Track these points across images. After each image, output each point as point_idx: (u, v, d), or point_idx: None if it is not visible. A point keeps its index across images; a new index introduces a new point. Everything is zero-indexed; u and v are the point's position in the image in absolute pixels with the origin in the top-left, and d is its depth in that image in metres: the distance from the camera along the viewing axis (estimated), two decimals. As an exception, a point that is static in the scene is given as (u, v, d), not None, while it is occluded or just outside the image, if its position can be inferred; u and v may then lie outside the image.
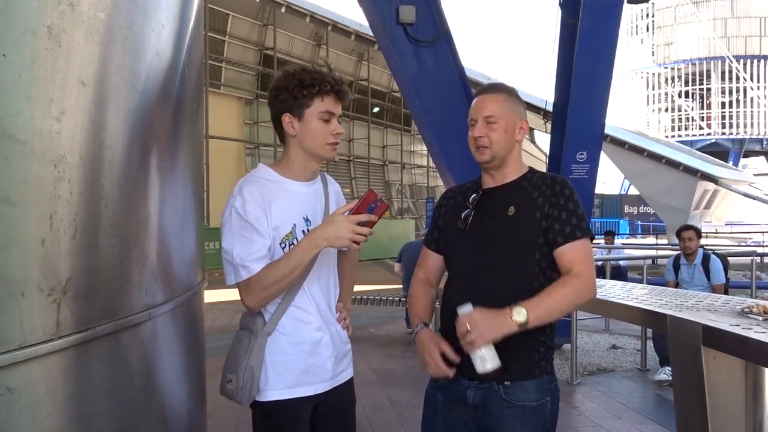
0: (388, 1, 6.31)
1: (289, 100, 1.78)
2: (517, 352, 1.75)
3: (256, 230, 1.70)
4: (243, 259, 1.68)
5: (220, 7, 19.04)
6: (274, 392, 1.75)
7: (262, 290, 1.69)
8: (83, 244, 1.36)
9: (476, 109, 1.85)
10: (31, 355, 1.23)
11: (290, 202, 1.79)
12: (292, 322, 1.77)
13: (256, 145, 21.82)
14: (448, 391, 1.84)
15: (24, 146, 1.22)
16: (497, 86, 1.89)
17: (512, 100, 1.86)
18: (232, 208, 1.72)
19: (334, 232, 1.65)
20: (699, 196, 24.02)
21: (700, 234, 6.03)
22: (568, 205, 1.77)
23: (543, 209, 1.77)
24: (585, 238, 1.77)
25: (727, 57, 44.24)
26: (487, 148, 1.82)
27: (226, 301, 10.31)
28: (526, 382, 1.75)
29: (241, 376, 1.72)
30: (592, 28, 6.48)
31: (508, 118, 1.82)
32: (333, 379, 1.85)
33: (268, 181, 1.79)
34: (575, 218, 1.76)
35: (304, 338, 1.78)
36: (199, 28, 2.16)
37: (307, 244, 1.67)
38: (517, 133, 1.85)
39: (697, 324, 2.12)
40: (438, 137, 6.68)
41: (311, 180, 1.88)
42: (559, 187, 1.80)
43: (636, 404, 4.86)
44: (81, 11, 1.34)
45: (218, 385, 1.80)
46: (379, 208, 1.71)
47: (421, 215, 27.34)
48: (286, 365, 1.76)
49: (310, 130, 1.78)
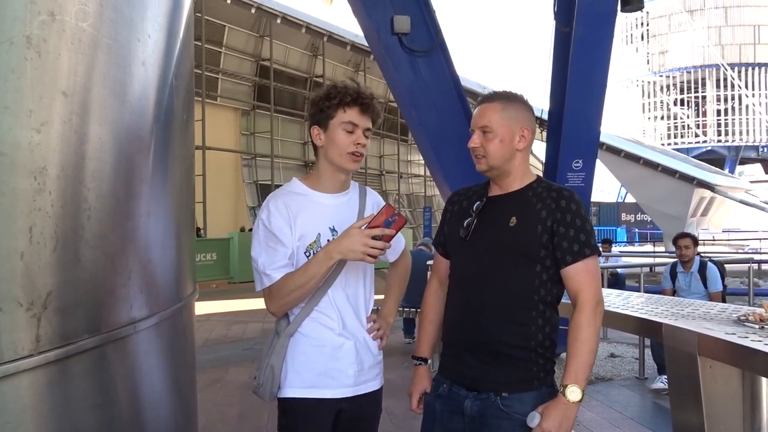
0: (382, 11, 6.32)
1: (317, 113, 1.87)
2: (515, 364, 1.73)
3: (279, 241, 1.79)
4: (266, 268, 1.79)
5: (216, 18, 19.12)
6: (291, 390, 1.82)
7: (282, 297, 1.78)
8: (65, 257, 1.33)
9: (474, 119, 1.83)
10: (10, 371, 1.20)
11: (316, 213, 1.86)
12: (313, 325, 1.84)
13: (252, 156, 21.84)
14: (447, 401, 1.81)
15: (3, 158, 1.19)
16: (496, 95, 1.85)
17: (511, 107, 1.80)
18: (259, 219, 1.84)
19: (347, 245, 1.70)
20: (695, 203, 24.05)
21: (696, 242, 6.03)
22: (575, 221, 1.72)
23: (546, 223, 1.73)
24: (593, 256, 1.74)
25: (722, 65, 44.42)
26: (484, 158, 1.79)
27: (223, 312, 10.29)
28: (524, 394, 1.72)
29: (262, 374, 1.83)
30: (586, 37, 6.49)
31: (504, 127, 1.77)
32: (355, 387, 1.87)
33: (297, 194, 1.88)
34: (583, 235, 1.72)
35: (325, 341, 1.84)
36: (189, 38, 2.15)
37: (323, 256, 1.74)
38: (516, 141, 1.79)
39: (693, 333, 2.10)
40: (434, 146, 6.67)
41: (341, 191, 1.94)
42: (565, 203, 1.74)
43: (634, 413, 4.83)
44: (63, 21, 1.33)
45: (213, 397, 1.86)
46: (397, 222, 1.73)
47: (418, 224, 27.33)
48: (306, 365, 1.82)
49: (333, 140, 1.85)
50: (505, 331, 1.72)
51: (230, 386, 5.47)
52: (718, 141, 49.39)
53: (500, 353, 1.72)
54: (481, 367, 1.74)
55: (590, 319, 1.70)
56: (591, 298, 1.71)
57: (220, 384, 5.55)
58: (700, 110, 50.58)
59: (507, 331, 1.72)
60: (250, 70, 21.90)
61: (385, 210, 1.74)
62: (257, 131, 21.96)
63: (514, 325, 1.73)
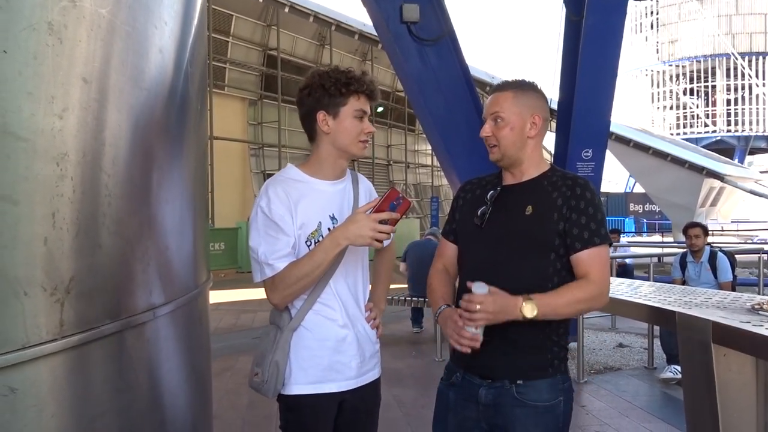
0: (391, 0, 6.29)
1: (325, 98, 1.80)
2: (530, 352, 1.74)
3: (280, 229, 1.75)
4: (267, 257, 1.74)
5: (223, 8, 19.06)
6: (297, 387, 1.80)
7: (286, 287, 1.74)
8: (86, 243, 1.34)
9: (486, 108, 1.84)
10: (34, 355, 1.22)
11: (316, 200, 1.83)
12: (317, 318, 1.81)
13: (260, 146, 21.83)
14: (460, 389, 1.82)
15: (26, 144, 1.20)
16: (507, 84, 1.84)
17: (523, 95, 1.80)
18: (258, 207, 1.78)
19: (355, 230, 1.68)
20: (705, 193, 23.94)
21: (706, 231, 6.00)
22: (588, 209, 1.72)
23: (561, 210, 1.73)
24: (603, 245, 1.72)
25: (732, 54, 44.07)
26: (496, 146, 1.79)
27: (231, 302, 10.34)
28: (538, 382, 1.73)
29: (266, 370, 1.78)
30: (597, 26, 6.44)
31: (515, 115, 1.77)
32: (358, 378, 1.87)
33: (295, 181, 1.84)
34: (594, 223, 1.71)
35: (329, 335, 1.82)
36: (203, 26, 2.15)
37: (329, 242, 1.71)
38: (528, 129, 1.78)
39: (707, 321, 2.10)
40: (443, 136, 6.66)
41: (339, 178, 1.92)
42: (580, 190, 1.74)
43: (643, 403, 4.84)
44: (83, 7, 1.33)
45: (224, 385, 1.85)
46: (402, 206, 1.71)
47: (425, 215, 27.31)
48: (310, 360, 1.80)
49: (345, 127, 1.82)
50: (519, 320, 1.71)
51: (240, 374, 5.50)
52: (727, 131, 49.08)
53: (515, 341, 1.73)
54: (495, 355, 1.74)
55: (592, 297, 1.69)
56: (599, 279, 1.70)
57: (230, 372, 5.59)
58: (710, 100, 50.23)
59: (521, 320, 1.71)
60: (257, 60, 21.85)
61: (389, 194, 1.72)
62: (264, 121, 21.93)
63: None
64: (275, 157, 20.75)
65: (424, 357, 6.27)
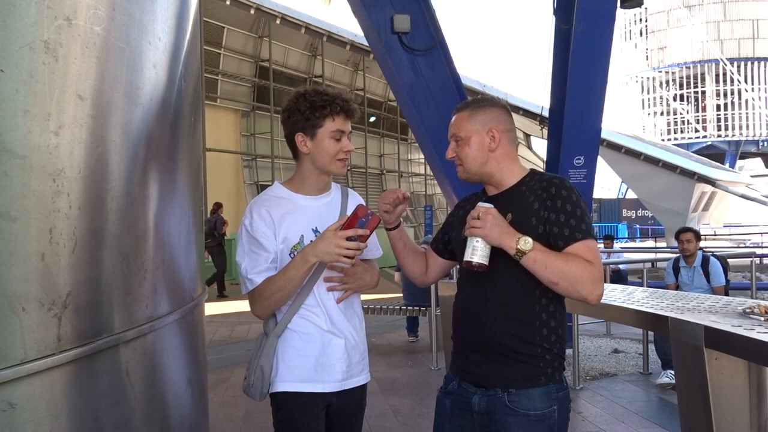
0: (382, 11, 6.34)
1: (302, 121, 1.87)
2: (521, 360, 1.74)
3: (261, 245, 1.84)
4: (248, 272, 1.83)
5: (215, 20, 19.10)
6: (283, 384, 1.86)
7: (263, 300, 1.83)
8: (83, 258, 1.36)
9: (449, 130, 1.88)
10: (33, 370, 1.22)
11: (299, 215, 1.90)
12: (302, 321, 1.88)
13: (253, 157, 21.82)
14: (456, 398, 1.83)
15: (23, 161, 1.22)
16: (466, 104, 1.88)
17: (479, 112, 1.82)
18: (243, 225, 1.88)
19: (322, 247, 1.74)
20: (696, 198, 24.05)
21: (698, 236, 6.05)
22: (565, 206, 1.70)
23: (539, 213, 1.72)
24: (586, 239, 1.69)
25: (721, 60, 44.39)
26: (461, 166, 1.83)
27: (226, 314, 10.30)
28: (530, 390, 1.72)
29: (252, 374, 1.88)
30: (586, 33, 6.51)
31: (472, 132, 1.80)
32: (343, 381, 1.91)
33: (279, 198, 1.93)
34: (573, 219, 1.69)
35: (315, 336, 1.88)
36: (196, 40, 2.17)
37: (300, 259, 1.78)
38: (488, 143, 1.79)
39: (699, 326, 2.13)
40: (435, 145, 6.69)
41: (323, 192, 1.99)
42: (555, 189, 1.72)
43: (639, 408, 4.85)
44: (77, 26, 1.35)
45: (220, 398, 1.89)
46: (370, 223, 1.76)
47: (419, 223, 27.33)
48: (297, 359, 1.86)
49: (322, 148, 1.89)
50: (508, 328, 1.73)
51: (236, 386, 5.48)
52: (718, 136, 49.39)
53: (505, 350, 1.73)
54: (487, 364, 1.76)
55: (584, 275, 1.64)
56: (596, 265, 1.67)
57: (226, 384, 5.57)
58: (700, 105, 50.55)
59: (510, 327, 1.73)
60: (249, 71, 21.88)
61: (357, 210, 1.77)
62: (257, 132, 21.93)
63: (517, 322, 1.73)
64: (268, 168, 20.74)
65: (420, 366, 6.27)
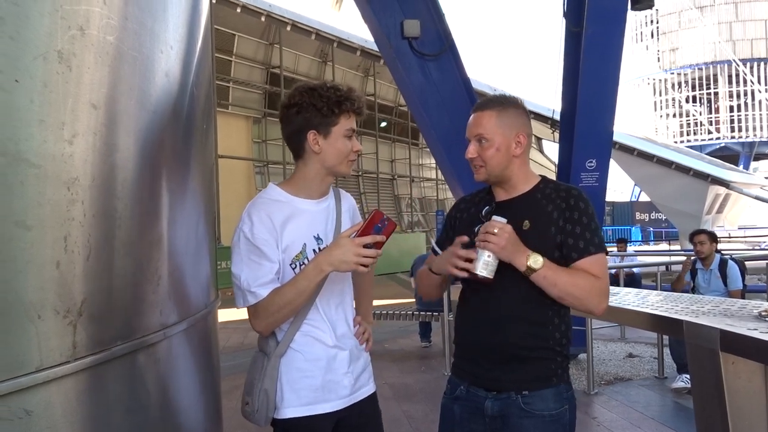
0: (392, 16, 6.36)
1: (317, 118, 1.74)
2: (534, 363, 1.75)
3: (264, 254, 1.68)
4: (250, 284, 1.68)
5: (226, 27, 19.22)
6: (290, 410, 1.74)
7: (269, 315, 1.69)
8: (97, 266, 1.37)
9: (469, 128, 1.83)
10: (48, 378, 1.23)
11: (301, 221, 1.76)
12: (306, 339, 1.76)
13: (265, 163, 21.92)
14: (466, 403, 1.82)
15: (38, 170, 1.23)
16: (490, 101, 1.84)
17: (506, 114, 1.79)
18: (240, 232, 1.71)
19: (339, 256, 1.62)
20: (710, 200, 23.89)
21: (714, 238, 5.97)
22: (582, 219, 1.73)
23: (558, 223, 1.74)
24: (599, 254, 1.73)
25: (734, 60, 44.09)
26: (482, 167, 1.80)
27: (239, 320, 10.32)
28: (544, 391, 1.74)
29: (256, 400, 1.73)
30: (597, 36, 6.48)
31: (500, 135, 1.77)
32: (351, 395, 1.82)
33: (278, 202, 1.77)
34: (588, 233, 1.73)
35: (320, 354, 1.77)
36: (207, 48, 2.18)
37: (312, 269, 1.65)
38: (513, 148, 1.78)
39: (715, 329, 2.10)
40: (446, 149, 6.69)
41: (323, 197, 1.85)
42: (573, 201, 1.75)
43: (655, 413, 4.80)
44: (90, 35, 1.36)
45: (233, 404, 1.81)
46: (387, 228, 1.66)
47: (431, 228, 27.29)
48: (302, 382, 1.75)
49: (335, 147, 1.77)
50: (523, 333, 1.74)
51: (250, 392, 5.49)
52: (731, 137, 49.04)
53: (519, 355, 1.74)
54: (500, 368, 1.76)
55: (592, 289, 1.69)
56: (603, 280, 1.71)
57: (239, 391, 5.54)
58: (713, 107, 50.22)
59: (525, 333, 1.74)
60: (260, 78, 21.99)
61: (373, 216, 1.66)
62: (269, 138, 22.03)
63: (531, 327, 1.74)
64: (280, 174, 20.80)
65: (433, 371, 6.25)
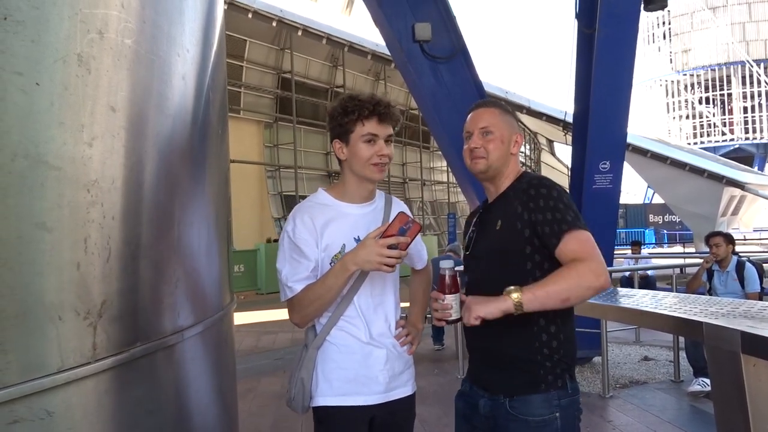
0: (403, 19, 6.35)
1: (337, 128, 1.89)
2: (519, 367, 1.74)
3: (303, 253, 1.82)
4: (288, 280, 1.82)
5: (237, 33, 19.34)
6: (323, 398, 1.84)
7: (302, 308, 1.82)
8: (117, 267, 1.37)
9: (471, 122, 1.89)
10: (69, 379, 1.24)
11: (342, 223, 1.88)
12: (340, 333, 1.86)
13: (276, 168, 22.02)
14: (468, 399, 1.88)
15: (58, 172, 1.23)
16: (490, 101, 1.96)
17: (506, 114, 1.90)
18: (285, 231, 1.87)
19: (363, 255, 1.71)
20: (725, 202, 23.69)
21: (730, 240, 5.90)
22: (548, 203, 1.69)
23: (523, 217, 1.72)
24: (573, 230, 1.65)
25: (747, 61, 43.74)
26: (484, 158, 1.83)
27: (252, 323, 10.36)
28: (531, 396, 1.72)
29: (293, 387, 1.86)
30: (610, 38, 6.44)
31: (503, 129, 1.86)
32: (386, 393, 1.88)
33: (323, 205, 1.91)
34: (558, 213, 1.67)
35: (355, 348, 1.86)
36: (222, 52, 2.19)
37: (339, 268, 1.75)
38: (512, 145, 1.87)
39: (736, 331, 2.08)
40: (458, 152, 6.61)
41: (367, 201, 1.96)
42: (534, 190, 1.73)
43: (671, 417, 4.75)
44: (109, 38, 1.37)
45: (248, 407, 1.94)
46: (412, 230, 1.73)
47: (443, 231, 27.26)
48: (336, 372, 1.84)
49: (355, 153, 1.88)
50: (505, 336, 1.73)
51: (263, 396, 5.51)
52: (745, 138, 48.63)
53: (503, 358, 1.76)
54: (490, 370, 1.80)
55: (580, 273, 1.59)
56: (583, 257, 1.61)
57: (253, 394, 5.59)
58: (726, 108, 49.86)
59: (508, 335, 1.73)
60: (271, 83, 22.11)
61: (399, 218, 1.74)
62: (280, 143, 22.14)
63: (514, 329, 1.71)
64: (291, 179, 20.88)
65: (446, 375, 6.23)
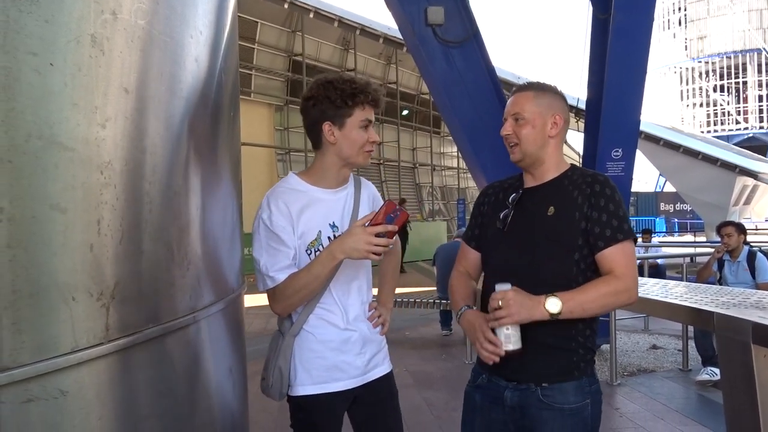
0: (416, 3, 6.30)
1: (330, 110, 1.82)
2: (555, 355, 1.73)
3: (281, 241, 1.79)
4: (268, 269, 1.78)
5: (249, 15, 19.25)
6: (302, 388, 1.85)
7: (286, 298, 1.80)
8: (130, 249, 1.38)
9: (506, 109, 1.85)
10: (82, 359, 1.25)
11: (317, 209, 1.86)
12: (318, 321, 1.86)
13: (287, 151, 21.99)
14: (487, 392, 1.82)
15: (72, 153, 1.24)
16: (529, 84, 1.87)
17: (543, 96, 1.81)
18: (259, 219, 1.82)
19: (351, 244, 1.69)
20: (738, 191, 23.49)
21: (742, 230, 5.87)
22: (609, 206, 1.70)
23: (582, 209, 1.72)
24: (627, 241, 1.70)
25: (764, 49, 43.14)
26: (517, 145, 1.80)
27: (261, 306, 10.42)
28: (564, 384, 1.72)
29: (270, 375, 1.86)
30: (625, 23, 6.37)
31: (536, 114, 1.78)
32: (365, 375, 1.91)
33: (296, 191, 1.87)
34: (616, 220, 1.70)
35: (332, 336, 1.86)
36: (234, 34, 2.18)
37: (326, 256, 1.74)
38: (549, 128, 1.79)
39: (747, 321, 2.07)
40: (470, 138, 6.64)
41: (341, 186, 1.93)
42: (599, 187, 1.73)
43: (679, 405, 4.76)
44: (122, 19, 1.36)
45: (256, 389, 1.94)
46: (399, 218, 1.71)
47: (452, 217, 27.21)
48: (314, 362, 1.85)
49: (350, 138, 1.84)
50: (544, 322, 1.70)
51: (272, 377, 5.55)
52: (760, 127, 48.09)
53: (540, 344, 1.71)
54: (520, 359, 1.73)
55: (618, 291, 1.67)
56: (624, 274, 1.67)
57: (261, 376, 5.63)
58: (741, 96, 49.28)
59: (547, 321, 1.70)
60: (282, 66, 22.02)
61: (386, 206, 1.73)
62: (291, 126, 22.09)
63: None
64: (302, 162, 20.86)
65: (454, 360, 6.26)
